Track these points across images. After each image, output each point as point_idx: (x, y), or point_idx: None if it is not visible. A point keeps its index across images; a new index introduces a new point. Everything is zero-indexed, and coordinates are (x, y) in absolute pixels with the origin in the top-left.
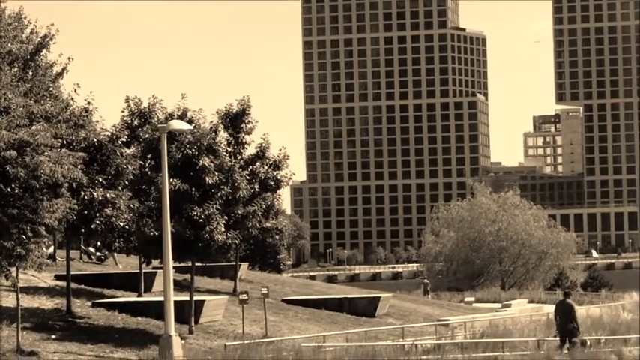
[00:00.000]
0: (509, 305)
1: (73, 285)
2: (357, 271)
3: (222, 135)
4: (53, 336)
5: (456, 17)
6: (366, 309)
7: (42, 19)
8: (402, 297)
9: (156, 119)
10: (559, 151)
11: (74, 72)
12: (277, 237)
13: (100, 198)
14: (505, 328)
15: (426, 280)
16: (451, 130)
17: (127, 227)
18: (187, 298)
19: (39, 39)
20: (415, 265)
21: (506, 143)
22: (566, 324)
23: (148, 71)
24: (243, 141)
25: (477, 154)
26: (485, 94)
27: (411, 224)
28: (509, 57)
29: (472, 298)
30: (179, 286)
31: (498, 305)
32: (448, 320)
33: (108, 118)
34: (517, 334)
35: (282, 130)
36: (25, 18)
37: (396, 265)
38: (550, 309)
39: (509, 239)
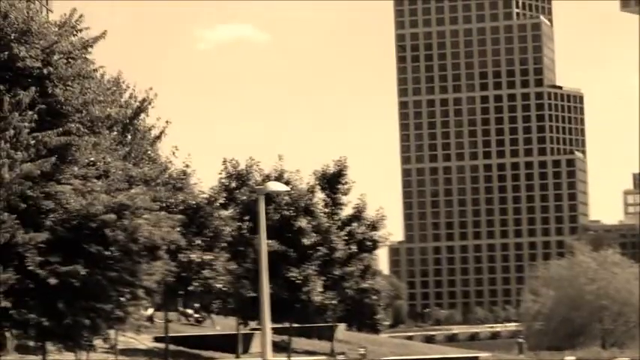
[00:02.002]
0: None
1: (172, 347)
2: (455, 331)
3: (319, 196)
4: None
5: (553, 75)
6: None
7: (140, 83)
8: (501, 356)
9: (253, 181)
10: None
11: (172, 135)
12: (375, 297)
13: (198, 260)
14: None
15: (520, 340)
16: (549, 189)
17: (224, 289)
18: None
19: (137, 103)
20: (514, 324)
21: (605, 201)
22: None
23: (245, 133)
24: (340, 202)
25: (575, 213)
26: (584, 152)
27: (509, 283)
28: (607, 114)
29: (572, 358)
30: (277, 347)
31: None
32: None
33: (206, 180)
34: None
35: (378, 191)
36: (124, 82)
37: (494, 325)
38: None
39: (610, 298)
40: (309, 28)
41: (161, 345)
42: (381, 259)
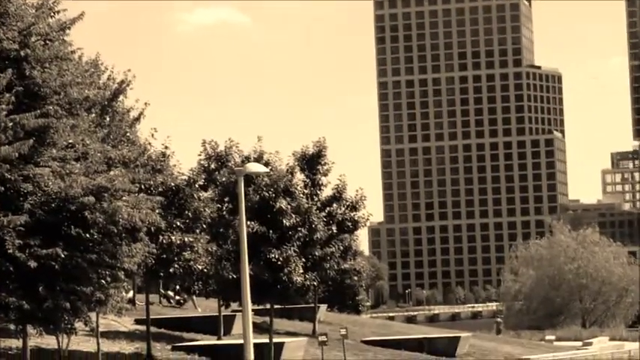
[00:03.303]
0: (590, 343)
1: (153, 329)
2: (436, 312)
3: (299, 177)
4: None
5: (531, 55)
6: (446, 349)
7: (118, 65)
8: (482, 336)
9: (232, 162)
10: (638, 187)
11: (151, 117)
12: (355, 278)
13: (178, 242)
14: None
15: (498, 319)
16: (528, 168)
17: (205, 270)
18: (267, 341)
19: (116, 85)
20: (495, 304)
21: (584, 180)
22: None
23: (224, 114)
24: (320, 182)
25: (554, 192)
26: (562, 132)
27: (489, 263)
28: (585, 94)
29: (553, 337)
30: (258, 328)
31: (579, 343)
32: (529, 359)
33: (185, 161)
34: None
35: (358, 171)
36: (102, 64)
37: (475, 305)
38: (632, 346)
39: (589, 277)
40: (288, 10)
41: (142, 327)
42: (362, 240)
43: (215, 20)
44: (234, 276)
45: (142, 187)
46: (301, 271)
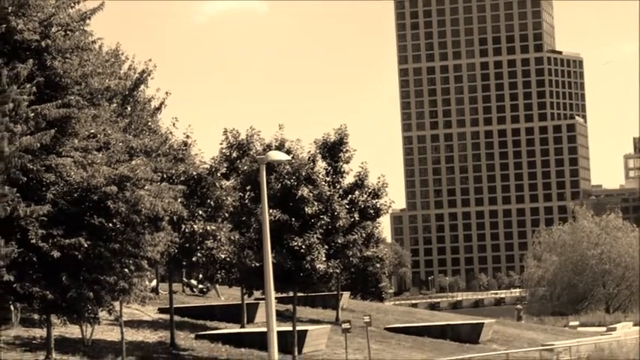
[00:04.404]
0: (614, 329)
1: (176, 318)
2: (459, 298)
3: (321, 165)
4: None
5: (552, 40)
6: (469, 335)
7: (139, 55)
8: (506, 323)
9: (254, 151)
10: None
11: (172, 106)
12: (378, 265)
13: (201, 230)
14: (611, 351)
15: (519, 306)
16: (550, 154)
17: (228, 259)
18: (290, 329)
19: (137, 75)
20: (518, 290)
21: (606, 165)
22: None
23: (246, 103)
24: (342, 170)
25: (577, 178)
26: (584, 117)
27: (512, 249)
28: (606, 78)
29: (576, 323)
30: (282, 316)
31: (603, 329)
32: (553, 345)
33: (207, 150)
34: (623, 358)
35: (380, 159)
36: (122, 54)
37: (498, 291)
38: None
39: (613, 262)
40: None
41: (166, 316)
42: (384, 227)
43: (233, 8)
44: (257, 264)
45: (164, 176)
46: (324, 258)
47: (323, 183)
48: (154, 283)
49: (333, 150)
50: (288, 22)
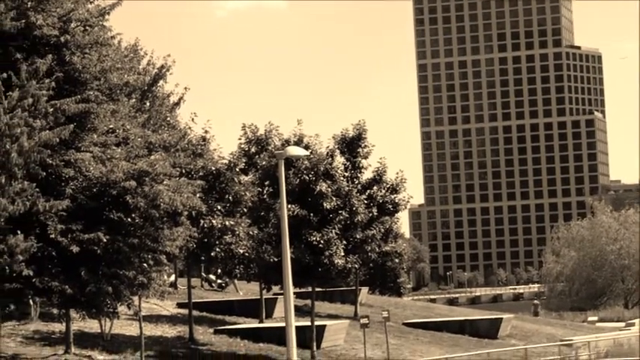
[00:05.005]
0: (633, 324)
1: (195, 312)
2: (477, 294)
3: (339, 160)
4: None
5: (571, 35)
6: (487, 331)
7: (158, 51)
8: (524, 318)
9: (272, 146)
10: None
11: (191, 101)
12: (397, 260)
13: (220, 225)
14: (629, 347)
15: (536, 302)
16: (569, 149)
17: (246, 254)
18: (309, 324)
19: (155, 70)
20: (536, 285)
21: (625, 161)
22: None
23: (265, 98)
24: (360, 165)
25: (595, 173)
26: (603, 112)
27: (531, 245)
28: (625, 73)
29: (595, 318)
30: (300, 311)
31: (622, 324)
32: (572, 340)
33: (225, 145)
34: None
35: (398, 154)
36: (141, 49)
37: (517, 287)
38: None
39: (632, 257)
40: None
41: (184, 311)
42: (403, 223)
43: (252, 4)
44: (276, 259)
45: (183, 171)
46: (342, 253)
47: (341, 178)
48: (173, 277)
49: (352, 145)
50: (306, 18)
